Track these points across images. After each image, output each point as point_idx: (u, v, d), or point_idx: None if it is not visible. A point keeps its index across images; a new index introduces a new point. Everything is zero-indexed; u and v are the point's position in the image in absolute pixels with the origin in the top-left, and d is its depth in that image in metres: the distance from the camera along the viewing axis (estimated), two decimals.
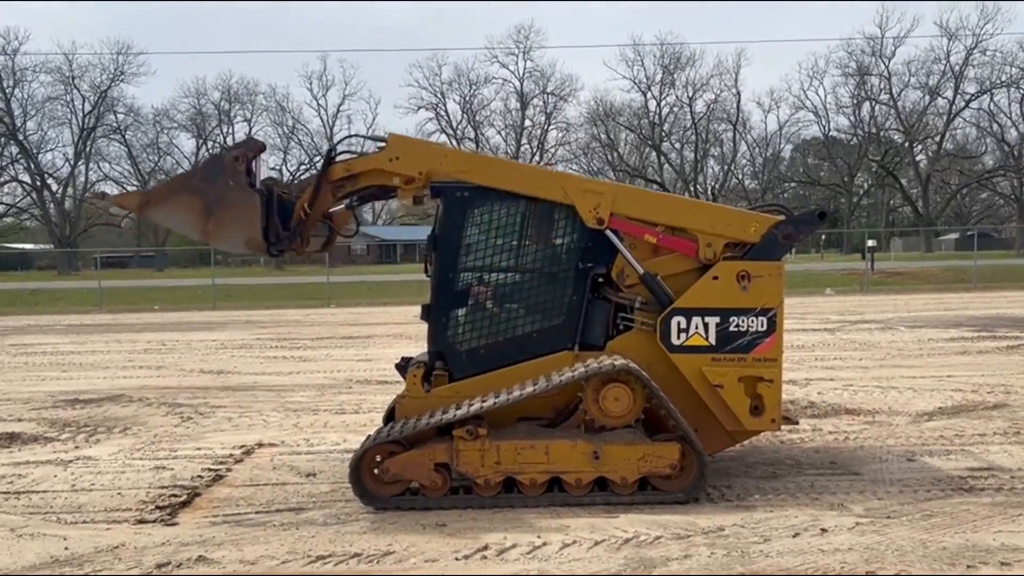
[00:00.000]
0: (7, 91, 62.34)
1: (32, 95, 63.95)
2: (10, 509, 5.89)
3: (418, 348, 8.44)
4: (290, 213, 6.00)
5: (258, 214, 5.74)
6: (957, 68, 63.81)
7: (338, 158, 6.13)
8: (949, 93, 64.91)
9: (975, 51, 63.06)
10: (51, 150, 66.66)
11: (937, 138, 66.84)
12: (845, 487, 6.00)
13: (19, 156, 64.36)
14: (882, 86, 66.85)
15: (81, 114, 65.01)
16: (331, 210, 6.39)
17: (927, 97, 65.79)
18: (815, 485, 6.06)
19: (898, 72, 65.94)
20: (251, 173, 5.81)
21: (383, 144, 6.11)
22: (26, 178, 65.18)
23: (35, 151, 64.19)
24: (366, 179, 6.11)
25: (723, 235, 6.00)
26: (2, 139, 63.42)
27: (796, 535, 5.04)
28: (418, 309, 6.40)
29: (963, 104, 65.13)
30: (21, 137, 63.10)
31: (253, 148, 5.86)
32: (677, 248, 6.03)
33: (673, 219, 6.05)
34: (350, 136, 6.47)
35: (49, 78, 64.18)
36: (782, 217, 6.12)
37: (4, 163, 65.27)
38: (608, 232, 5.99)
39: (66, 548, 5.04)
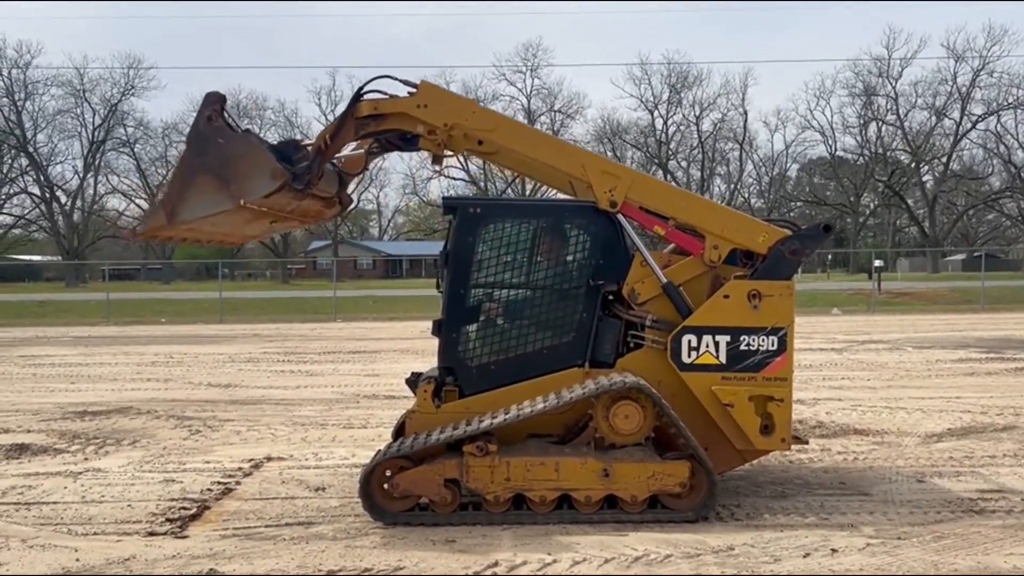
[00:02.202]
0: (18, 103, 62.80)
1: (43, 108, 64.45)
2: (21, 520, 5.91)
3: (424, 363, 8.47)
4: (288, 155, 5.85)
5: (261, 148, 5.65)
6: (964, 89, 63.87)
7: (367, 96, 6.08)
8: (956, 114, 64.94)
9: (982, 73, 63.11)
10: (61, 162, 67.52)
11: (944, 159, 66.79)
12: (855, 507, 5.99)
13: (29, 168, 64.72)
14: (889, 107, 66.92)
15: (91, 127, 65.42)
16: (343, 154, 6.38)
17: (934, 118, 65.84)
18: (825, 505, 6.05)
19: (905, 93, 66.06)
20: (230, 126, 5.70)
21: (414, 90, 6.11)
22: (35, 190, 65.56)
23: (45, 163, 64.57)
24: (391, 122, 6.10)
25: (731, 240, 6.04)
26: (12, 151, 63.84)
27: (807, 555, 5.03)
28: (424, 324, 6.42)
29: (970, 125, 65.14)
30: (31, 149, 63.50)
31: (216, 101, 5.69)
32: (684, 244, 6.09)
33: (685, 215, 6.09)
34: (382, 76, 6.21)
35: (60, 91, 64.69)
36: (788, 232, 6.14)
37: (14, 175, 65.64)
38: (620, 217, 6.05)
39: (77, 559, 5.06)
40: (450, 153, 6.33)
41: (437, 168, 6.76)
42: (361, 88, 6.07)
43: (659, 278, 5.99)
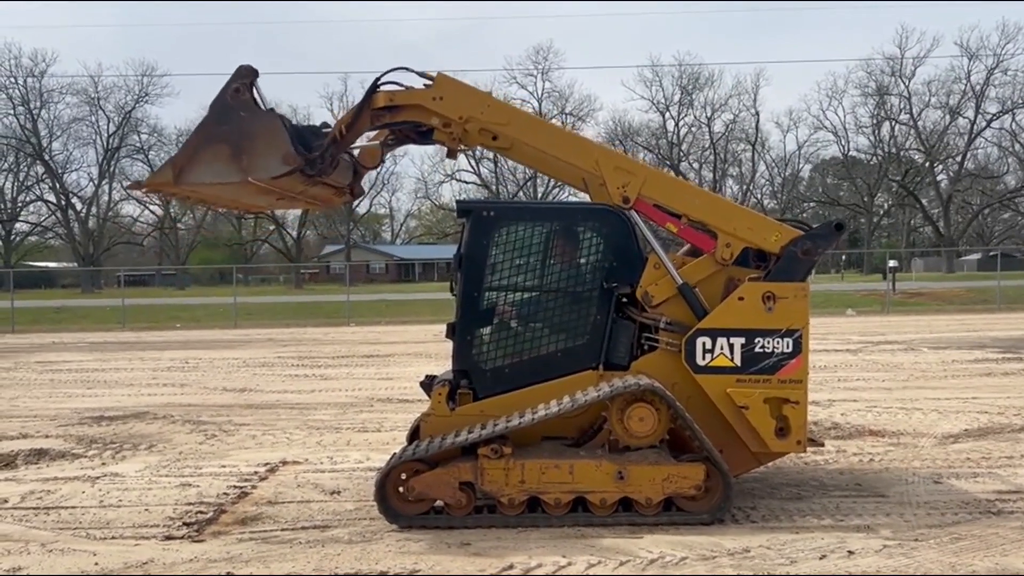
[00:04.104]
0: (34, 112, 63.34)
1: (58, 116, 64.92)
2: (40, 524, 5.96)
3: (438, 367, 8.49)
4: (308, 141, 5.87)
5: (281, 129, 5.66)
6: (978, 88, 63.34)
7: (383, 88, 6.08)
8: (970, 113, 64.41)
9: (996, 71, 62.64)
10: (76, 170, 67.55)
11: (958, 158, 66.35)
12: (871, 509, 5.96)
13: (45, 176, 65.23)
14: (902, 106, 66.46)
15: (105, 134, 65.86)
16: (358, 146, 6.40)
17: (948, 117, 65.34)
18: (841, 507, 6.03)
19: (918, 92, 65.57)
20: (256, 101, 5.73)
21: (430, 82, 6.12)
22: (51, 197, 66.09)
23: (60, 171, 65.08)
24: (407, 113, 6.10)
25: (743, 238, 6.02)
26: (28, 159, 64.39)
27: (823, 557, 5.02)
28: (437, 328, 6.44)
29: (984, 124, 64.61)
30: (47, 157, 64.04)
31: (247, 75, 5.74)
32: (696, 242, 6.08)
33: (698, 212, 6.07)
34: (399, 68, 6.24)
35: (75, 99, 65.10)
36: (801, 232, 6.12)
37: (30, 183, 66.22)
38: (633, 213, 6.04)
39: (96, 563, 5.10)
40: (464, 148, 6.33)
41: (451, 161, 6.78)
42: (378, 79, 6.07)
43: (675, 279, 5.99)
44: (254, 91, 5.71)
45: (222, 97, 5.72)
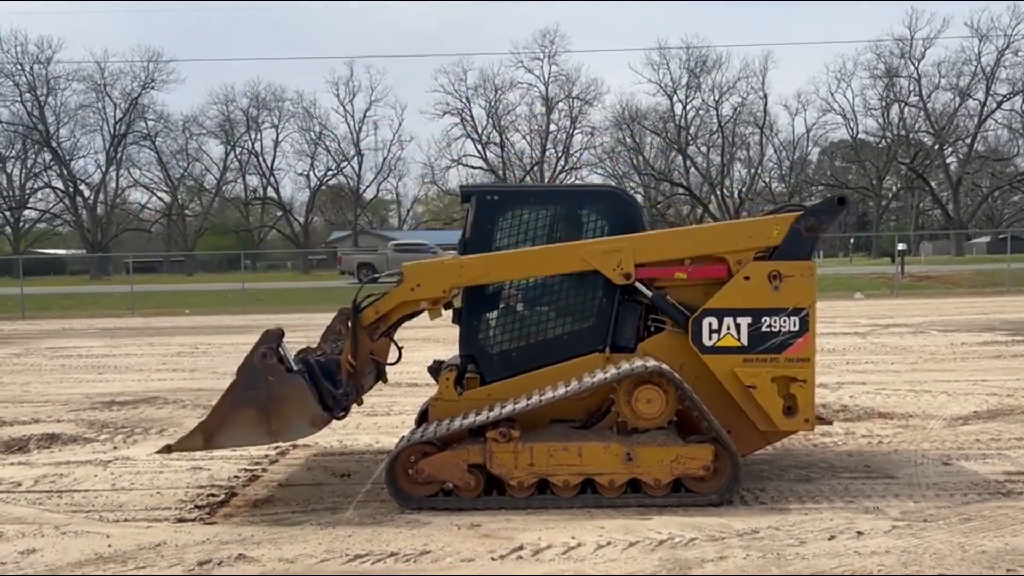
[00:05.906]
0: (41, 99, 63.39)
1: (65, 103, 64.99)
2: (53, 507, 6.02)
3: (445, 351, 8.51)
4: (333, 374, 6.08)
5: (308, 392, 5.85)
6: (988, 69, 62.83)
7: (363, 303, 6.20)
8: (980, 94, 63.92)
9: (1007, 52, 62.10)
10: (83, 156, 67.64)
11: (968, 140, 65.86)
12: (880, 490, 5.97)
13: (52, 163, 65.41)
14: (911, 88, 65.95)
15: (112, 121, 65.89)
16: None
17: (957, 99, 64.81)
18: (850, 488, 6.04)
19: (928, 74, 65.06)
20: (283, 360, 5.93)
21: (400, 278, 6.19)
22: (59, 184, 66.29)
23: (68, 158, 65.21)
24: (396, 313, 6.24)
25: (748, 248, 6.00)
26: (36, 146, 64.53)
27: (832, 538, 5.03)
28: (444, 313, 6.45)
29: (995, 106, 64.11)
30: (54, 144, 64.16)
31: (274, 338, 6.03)
32: (710, 275, 6.03)
33: (696, 249, 6.07)
34: (368, 281, 6.59)
35: (81, 86, 65.11)
36: (799, 212, 6.08)
37: (38, 170, 66.41)
38: (638, 284, 6.01)
39: (109, 545, 5.15)
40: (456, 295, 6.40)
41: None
42: (356, 302, 6.20)
43: (644, 293, 6.01)
44: (280, 351, 5.92)
45: (250, 361, 5.94)
